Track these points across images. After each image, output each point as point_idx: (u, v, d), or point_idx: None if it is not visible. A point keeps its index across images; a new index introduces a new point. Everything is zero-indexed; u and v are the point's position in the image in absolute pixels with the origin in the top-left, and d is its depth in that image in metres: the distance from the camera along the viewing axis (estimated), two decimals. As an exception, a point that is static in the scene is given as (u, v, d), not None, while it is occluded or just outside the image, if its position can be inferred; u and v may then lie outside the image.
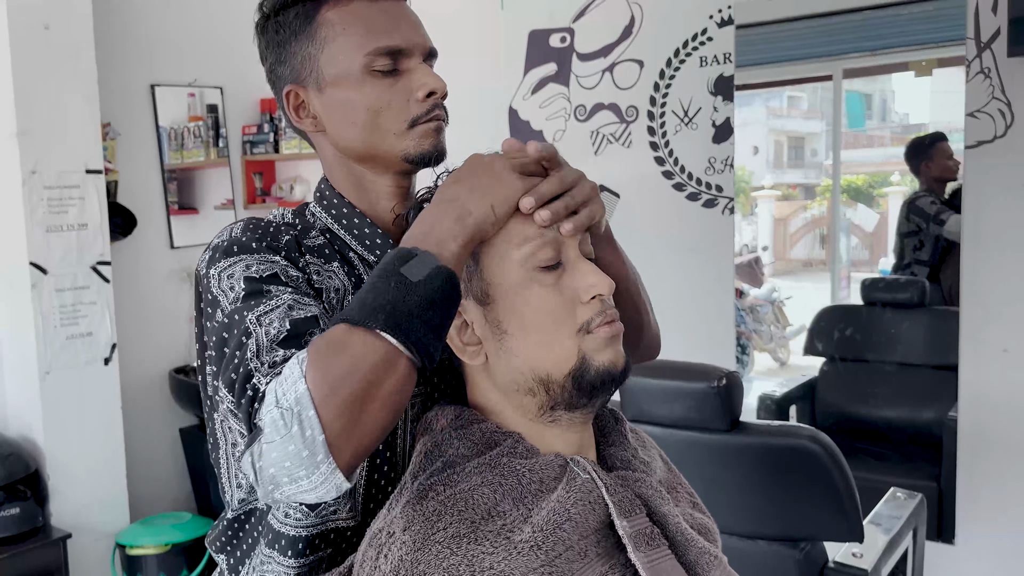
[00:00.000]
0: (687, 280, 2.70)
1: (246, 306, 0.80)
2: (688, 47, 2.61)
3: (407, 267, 0.73)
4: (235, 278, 0.83)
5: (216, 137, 3.39)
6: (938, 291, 2.68)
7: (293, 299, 0.80)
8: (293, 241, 0.89)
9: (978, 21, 2.17)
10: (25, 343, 2.65)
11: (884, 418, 2.75)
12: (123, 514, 2.83)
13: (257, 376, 0.74)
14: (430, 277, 0.73)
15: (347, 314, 0.72)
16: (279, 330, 0.77)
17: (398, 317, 0.71)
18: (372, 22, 0.89)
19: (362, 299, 0.73)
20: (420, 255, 0.74)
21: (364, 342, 0.71)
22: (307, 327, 0.78)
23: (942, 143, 2.76)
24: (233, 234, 0.87)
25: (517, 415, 0.83)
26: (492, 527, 0.74)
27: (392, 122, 0.90)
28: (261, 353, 0.76)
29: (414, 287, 0.72)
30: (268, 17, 0.93)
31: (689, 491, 0.94)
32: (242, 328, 0.78)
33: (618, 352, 0.82)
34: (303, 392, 0.69)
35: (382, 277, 0.73)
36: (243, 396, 0.74)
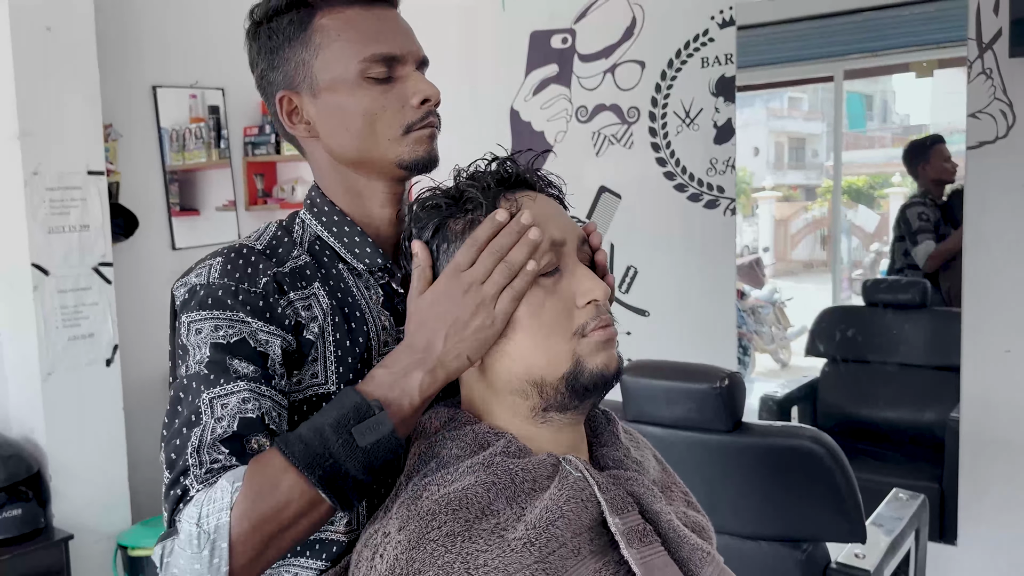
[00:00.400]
0: (688, 281, 2.70)
1: (205, 380, 0.82)
2: (689, 48, 2.62)
3: (359, 428, 0.78)
4: (203, 337, 0.84)
5: (218, 138, 3.40)
6: (938, 291, 2.68)
7: (249, 388, 0.82)
8: (271, 282, 0.87)
9: (979, 22, 2.17)
10: (27, 344, 2.65)
11: (886, 419, 2.75)
12: (125, 515, 2.83)
13: (191, 478, 0.78)
14: (376, 445, 0.78)
15: (291, 450, 0.77)
16: (225, 429, 0.80)
17: (335, 475, 0.77)
18: (367, 29, 0.90)
19: (308, 439, 0.77)
20: (375, 418, 0.78)
21: (295, 486, 0.76)
22: (252, 430, 0.80)
23: (939, 145, 2.76)
24: (211, 278, 0.86)
25: (508, 416, 0.84)
26: (486, 525, 0.75)
27: (387, 128, 0.90)
28: (202, 450, 0.79)
29: (358, 452, 0.77)
30: (260, 23, 0.93)
31: (684, 490, 0.94)
32: (194, 406, 0.81)
33: (611, 355, 0.83)
34: (224, 523, 0.75)
35: (333, 427, 0.77)
36: (173, 487, 0.79)
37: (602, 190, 2.83)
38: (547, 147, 2.91)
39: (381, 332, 0.92)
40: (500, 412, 0.84)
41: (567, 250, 0.84)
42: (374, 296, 0.93)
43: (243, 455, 0.79)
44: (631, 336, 2.77)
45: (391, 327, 0.93)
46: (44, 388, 2.63)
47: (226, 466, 0.78)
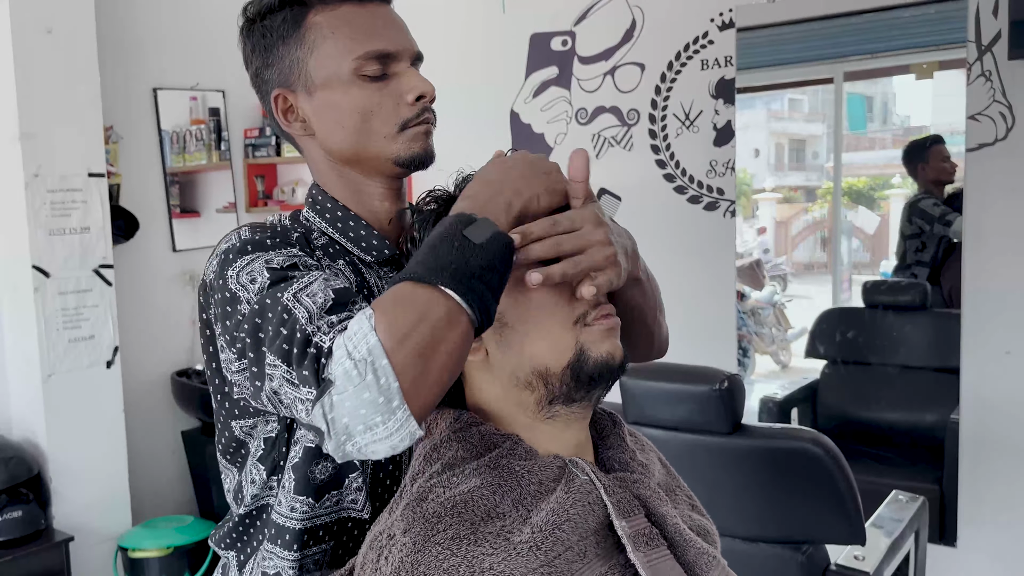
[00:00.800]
0: (689, 283, 2.71)
1: (277, 289, 0.79)
2: (689, 50, 2.62)
3: (469, 230, 0.75)
4: (256, 270, 0.83)
5: (218, 140, 3.40)
6: (938, 293, 2.68)
7: (323, 274, 0.82)
8: (303, 238, 0.91)
9: (979, 24, 2.17)
10: (28, 346, 2.65)
11: (886, 420, 2.75)
12: (125, 517, 2.83)
13: (318, 336, 0.74)
14: (491, 240, 0.75)
15: (410, 273, 0.74)
16: (324, 299, 0.77)
17: (461, 277, 0.73)
18: (361, 26, 0.90)
19: (423, 260, 0.74)
20: (480, 221, 0.76)
21: (430, 298, 0.72)
22: (349, 296, 0.79)
23: (938, 146, 2.76)
24: (242, 236, 0.88)
25: (516, 412, 0.84)
26: (492, 528, 0.75)
27: (382, 125, 0.91)
28: (313, 319, 0.75)
29: (476, 249, 0.74)
30: (253, 21, 0.93)
31: (688, 494, 0.95)
32: (280, 307, 0.77)
33: (615, 345, 0.83)
34: (375, 343, 0.70)
35: (444, 239, 0.75)
36: (305, 357, 0.73)
37: (602, 192, 2.82)
38: (547, 149, 2.92)
39: None
40: (507, 410, 0.85)
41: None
42: (384, 287, 0.94)
43: (353, 313, 0.76)
44: (631, 338, 2.77)
45: None
46: (45, 390, 2.64)
47: (344, 318, 0.76)
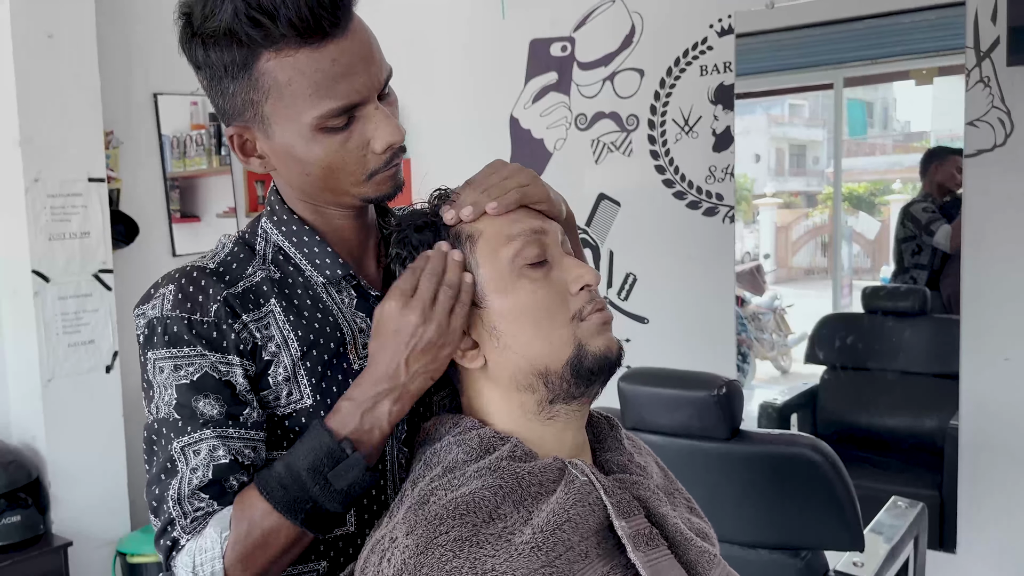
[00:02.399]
0: (688, 288, 2.71)
1: (174, 427, 0.84)
2: (688, 56, 2.62)
3: (334, 472, 0.82)
4: (166, 377, 0.85)
5: (218, 145, 3.40)
6: (938, 298, 2.68)
7: (216, 435, 0.84)
8: (223, 307, 0.86)
9: (977, 30, 2.17)
10: (27, 350, 2.66)
11: (885, 426, 2.75)
12: (124, 522, 2.83)
13: (178, 529, 0.83)
14: (353, 485, 0.83)
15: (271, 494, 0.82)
16: (202, 477, 0.83)
17: (316, 514, 0.83)
18: (320, 76, 0.80)
19: (287, 483, 0.82)
20: (348, 460, 0.82)
21: (279, 527, 0.82)
22: (228, 473, 0.84)
23: (956, 156, 2.78)
24: (164, 311, 0.86)
25: (517, 415, 0.85)
26: (493, 530, 0.75)
27: (348, 176, 0.86)
28: (183, 501, 0.83)
29: (336, 494, 0.82)
30: (194, 36, 0.84)
31: (686, 497, 0.95)
32: (167, 454, 0.84)
33: (611, 338, 0.85)
34: (219, 570, 0.81)
35: (310, 474, 0.82)
36: (163, 536, 0.84)
37: (601, 197, 2.84)
38: (546, 154, 2.92)
39: (358, 335, 0.91)
40: (507, 412, 0.85)
41: (550, 241, 0.86)
42: (347, 299, 0.92)
43: (223, 496, 0.84)
44: (630, 343, 2.77)
45: (368, 328, 0.92)
46: (44, 394, 2.64)
47: (209, 512, 0.83)
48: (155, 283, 0.90)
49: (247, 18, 0.79)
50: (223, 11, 0.79)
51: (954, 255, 2.51)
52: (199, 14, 0.82)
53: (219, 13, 0.80)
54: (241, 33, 0.79)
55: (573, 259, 0.87)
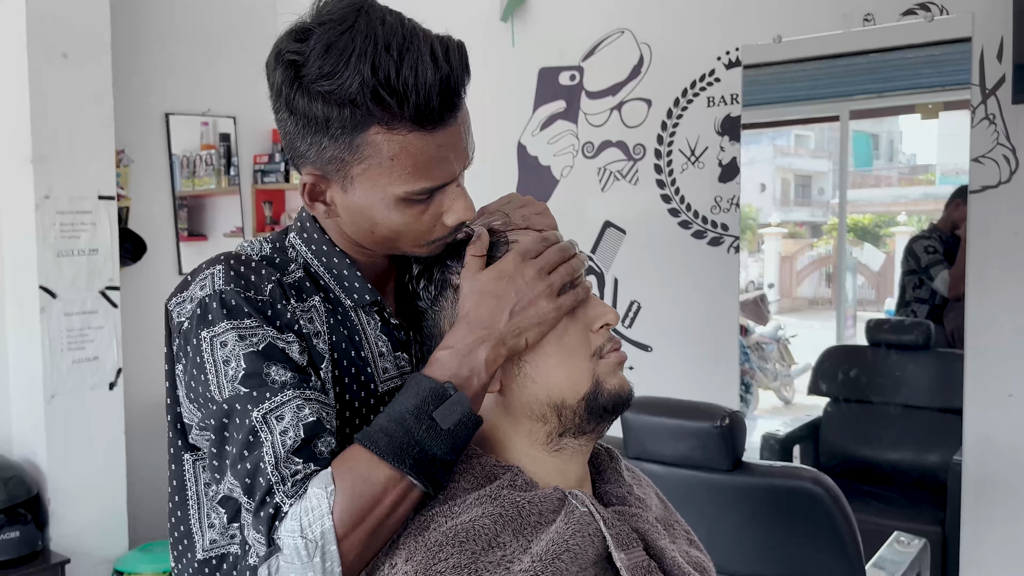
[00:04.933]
0: (692, 317, 2.71)
1: (247, 396, 0.80)
2: (696, 87, 2.65)
3: (440, 411, 0.78)
4: (229, 349, 0.82)
5: (227, 165, 3.43)
6: (941, 332, 2.68)
7: (297, 395, 0.81)
8: (277, 287, 0.86)
9: (983, 67, 2.19)
10: (32, 366, 2.66)
11: (888, 460, 2.73)
12: (122, 540, 2.82)
13: (279, 494, 0.78)
14: (459, 425, 0.79)
15: (375, 443, 0.78)
16: (294, 439, 0.79)
17: (424, 461, 0.78)
18: (424, 159, 0.81)
19: (390, 430, 0.78)
20: (453, 399, 0.79)
21: (390, 478, 0.77)
22: (317, 431, 0.80)
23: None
24: (216, 286, 0.84)
25: (524, 444, 0.86)
26: (492, 558, 0.75)
27: (413, 240, 0.87)
28: (279, 464, 0.78)
29: (443, 435, 0.78)
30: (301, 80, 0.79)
31: (686, 528, 0.95)
32: (248, 425, 0.80)
33: (624, 378, 0.87)
34: (329, 528, 0.75)
35: (414, 415, 0.78)
36: (262, 509, 0.78)
37: (607, 225, 2.85)
38: (553, 181, 2.94)
39: (379, 358, 0.92)
40: (515, 440, 0.86)
41: (579, 280, 0.88)
42: (371, 321, 0.92)
43: (317, 460, 0.80)
44: (634, 371, 2.77)
45: (388, 353, 0.92)
46: (47, 410, 2.64)
47: (308, 474, 0.78)
48: (193, 271, 0.89)
49: (373, 94, 0.77)
50: (348, 78, 0.77)
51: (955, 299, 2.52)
52: (314, 69, 0.78)
53: (342, 77, 0.77)
54: (361, 105, 0.78)
55: (596, 297, 0.89)
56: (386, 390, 0.92)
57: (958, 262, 2.43)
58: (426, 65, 0.78)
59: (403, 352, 0.94)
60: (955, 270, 2.49)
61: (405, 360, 0.94)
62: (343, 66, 0.77)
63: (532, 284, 0.83)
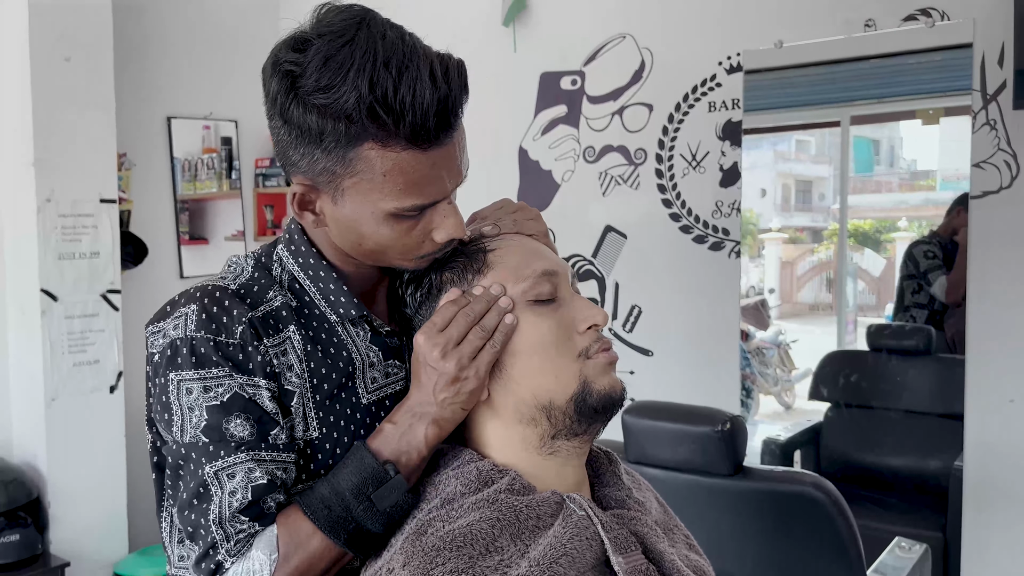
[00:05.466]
0: (693, 322, 2.71)
1: (205, 452, 0.83)
2: (697, 92, 2.65)
3: (378, 494, 0.82)
4: (194, 398, 0.83)
5: (229, 169, 3.44)
6: (942, 338, 2.67)
7: (251, 458, 0.83)
8: (248, 328, 0.85)
9: (984, 73, 2.19)
10: (33, 369, 2.66)
11: (889, 466, 2.73)
12: (122, 544, 2.82)
13: (221, 552, 0.82)
14: (395, 507, 0.83)
15: (315, 515, 0.82)
16: (241, 500, 0.82)
17: (359, 535, 0.83)
18: (417, 177, 0.81)
19: (331, 503, 0.82)
20: (391, 483, 0.83)
21: (323, 547, 0.82)
22: (266, 494, 0.84)
23: None
24: (188, 331, 0.84)
25: (518, 448, 0.85)
26: (490, 562, 0.75)
27: (400, 254, 0.88)
28: (224, 523, 0.82)
29: (379, 514, 0.82)
30: (298, 90, 0.79)
31: (685, 533, 0.95)
32: (200, 478, 0.83)
33: (616, 379, 0.86)
34: None
35: (354, 494, 0.82)
36: (204, 561, 0.82)
37: (608, 229, 2.85)
38: (554, 186, 2.94)
39: (368, 369, 0.91)
40: (509, 445, 0.86)
41: (561, 281, 0.88)
42: (360, 333, 0.92)
43: (263, 517, 0.83)
44: (634, 375, 2.77)
45: (379, 362, 0.92)
46: (48, 413, 2.64)
47: (251, 533, 0.83)
48: (172, 300, 0.89)
49: (369, 111, 0.77)
50: (345, 93, 0.77)
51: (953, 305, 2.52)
52: (311, 81, 0.78)
53: (339, 92, 0.77)
54: (356, 120, 0.77)
55: (584, 299, 0.89)
56: (375, 399, 0.92)
57: (956, 268, 2.43)
58: (424, 84, 0.78)
59: (395, 359, 0.94)
60: (953, 276, 2.49)
61: (397, 366, 0.94)
62: (341, 80, 0.77)
63: (441, 365, 0.83)
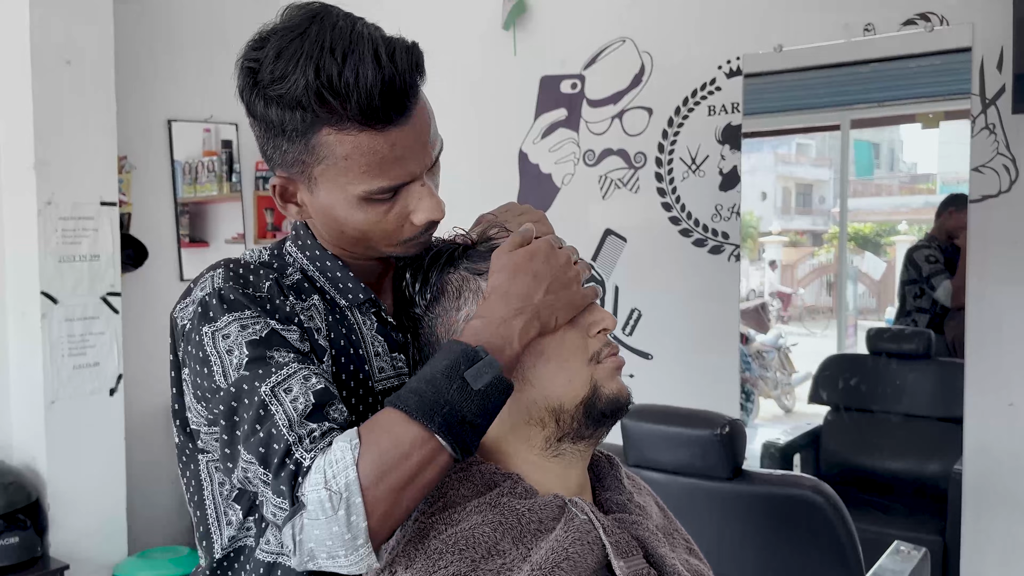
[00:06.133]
0: (692, 325, 2.71)
1: (254, 375, 0.80)
2: (697, 96, 2.65)
3: (471, 372, 0.76)
4: (232, 339, 0.82)
5: (229, 172, 3.44)
6: (942, 342, 2.67)
7: (301, 367, 0.81)
8: (275, 285, 0.88)
9: (983, 78, 2.20)
10: (33, 371, 2.66)
11: (889, 469, 2.73)
12: (121, 546, 2.81)
13: (299, 451, 0.76)
14: (490, 387, 0.77)
15: (405, 403, 0.76)
16: (305, 404, 0.78)
17: (453, 422, 0.75)
18: (377, 159, 0.82)
19: (420, 390, 0.76)
20: (485, 361, 0.77)
21: (418, 437, 0.75)
22: (327, 398, 0.80)
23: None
24: (215, 285, 0.86)
25: (523, 450, 0.86)
26: (492, 566, 0.75)
27: (382, 239, 0.89)
28: (294, 426, 0.77)
29: (474, 395, 0.76)
30: (258, 84, 0.83)
31: (685, 537, 0.95)
32: (256, 400, 0.79)
33: (622, 383, 0.87)
34: (353, 479, 0.73)
35: (445, 374, 0.76)
36: (282, 469, 0.75)
37: (607, 233, 2.85)
38: (554, 189, 2.94)
39: (374, 358, 0.93)
40: (513, 447, 0.86)
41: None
42: (367, 322, 0.94)
43: (332, 422, 0.79)
44: (634, 379, 2.77)
45: (385, 353, 0.94)
46: (47, 416, 2.64)
47: (325, 430, 0.77)
48: (195, 279, 0.90)
49: (316, 95, 0.79)
50: (294, 81, 0.80)
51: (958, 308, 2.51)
52: (267, 73, 0.82)
53: (289, 81, 0.80)
54: (307, 106, 0.80)
55: (595, 304, 0.90)
56: (382, 388, 0.93)
57: (959, 271, 2.43)
58: (367, 66, 0.79)
59: (400, 354, 0.95)
60: (957, 280, 2.49)
61: (402, 362, 0.95)
62: (292, 70, 0.80)
63: (565, 268, 0.85)
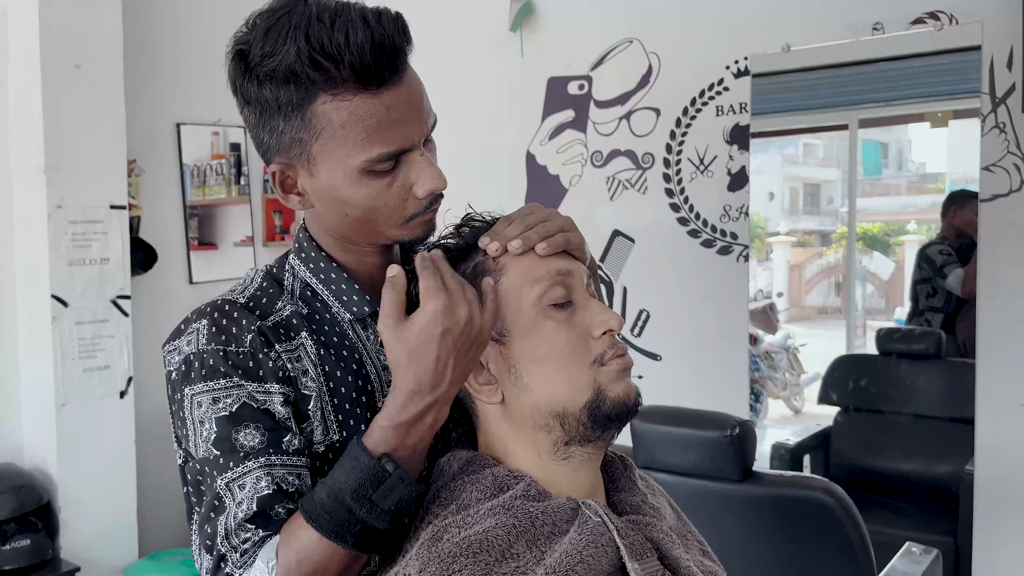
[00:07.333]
0: (701, 326, 2.71)
1: (216, 464, 0.84)
2: (704, 96, 2.65)
3: (379, 493, 0.79)
4: (204, 411, 0.85)
5: (238, 175, 3.45)
6: (953, 342, 2.66)
7: (259, 465, 0.83)
8: (257, 336, 0.87)
9: (993, 76, 2.19)
10: (43, 375, 2.67)
11: (899, 471, 2.72)
12: (132, 549, 2.82)
13: (230, 564, 0.83)
14: (400, 503, 0.80)
15: (318, 522, 0.79)
16: (247, 510, 0.82)
17: (366, 535, 0.80)
18: (375, 122, 0.82)
19: (332, 509, 0.79)
20: (393, 477, 0.79)
21: (334, 553, 0.79)
22: (273, 503, 0.83)
23: (976, 201, 2.78)
24: (200, 345, 0.86)
25: (531, 454, 0.85)
26: (506, 569, 0.75)
27: (387, 218, 0.88)
28: (230, 535, 0.83)
29: (384, 513, 0.80)
30: (250, 69, 0.84)
31: (699, 539, 0.95)
32: (214, 492, 0.85)
33: (630, 384, 0.85)
34: None
35: (353, 497, 0.79)
36: (217, 572, 0.84)
37: (615, 234, 2.85)
38: (562, 190, 2.94)
39: (382, 372, 0.92)
40: (521, 451, 0.85)
41: (576, 283, 0.86)
42: (371, 336, 0.93)
43: (270, 524, 0.83)
44: (643, 380, 2.77)
45: None
46: (58, 419, 2.65)
47: (256, 541, 0.83)
48: (185, 319, 0.90)
49: (310, 60, 0.80)
50: (285, 51, 0.80)
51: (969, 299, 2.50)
52: (257, 52, 0.83)
53: (280, 53, 0.81)
54: (302, 74, 0.80)
55: (598, 303, 0.87)
56: None
57: (973, 260, 2.42)
58: (357, 27, 0.80)
59: None
60: (970, 267, 2.48)
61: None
62: (281, 43, 0.81)
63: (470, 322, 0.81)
